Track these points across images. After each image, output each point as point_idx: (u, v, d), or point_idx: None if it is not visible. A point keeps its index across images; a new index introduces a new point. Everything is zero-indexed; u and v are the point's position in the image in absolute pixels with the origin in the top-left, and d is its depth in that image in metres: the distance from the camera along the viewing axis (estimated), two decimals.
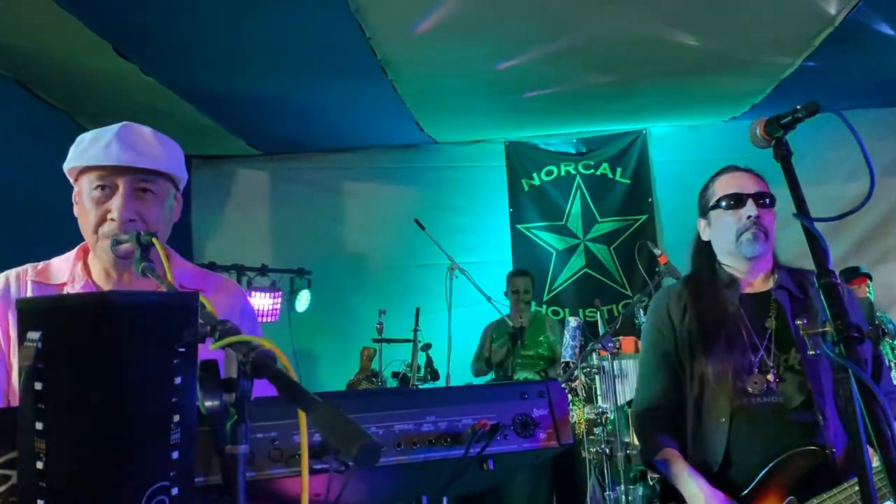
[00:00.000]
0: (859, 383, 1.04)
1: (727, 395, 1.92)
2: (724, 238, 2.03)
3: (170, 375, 0.84)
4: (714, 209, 2.06)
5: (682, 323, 2.08)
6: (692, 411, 2.02)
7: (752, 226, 1.97)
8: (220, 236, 6.29)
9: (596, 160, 6.32)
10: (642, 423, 2.14)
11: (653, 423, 2.08)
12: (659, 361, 2.11)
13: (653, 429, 2.07)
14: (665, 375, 2.09)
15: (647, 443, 2.08)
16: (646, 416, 2.12)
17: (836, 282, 1.17)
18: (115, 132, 1.56)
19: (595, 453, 3.30)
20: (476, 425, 1.09)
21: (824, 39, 4.22)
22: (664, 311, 2.13)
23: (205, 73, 4.62)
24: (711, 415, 1.96)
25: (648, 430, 2.09)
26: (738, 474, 1.90)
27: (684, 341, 2.06)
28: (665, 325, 2.11)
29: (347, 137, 6.09)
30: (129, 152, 1.54)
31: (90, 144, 1.56)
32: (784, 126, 1.40)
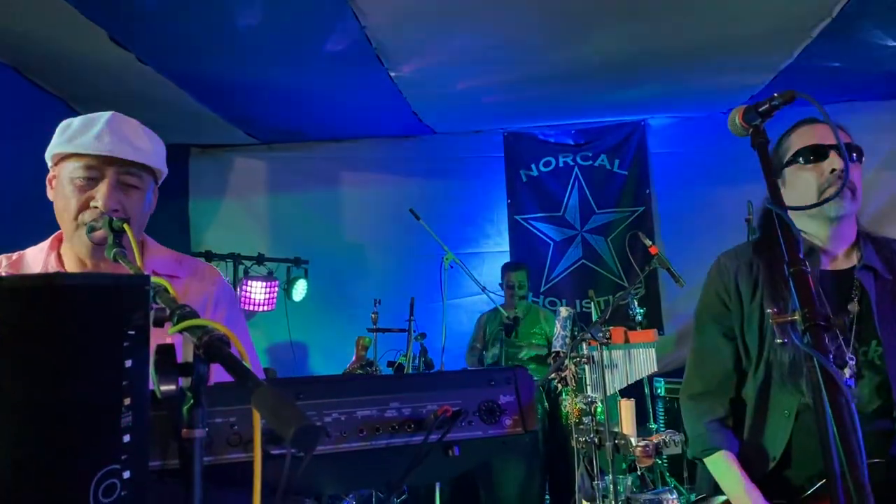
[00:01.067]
0: (823, 372, 1.04)
1: (801, 387, 1.71)
2: (804, 197, 1.75)
3: (120, 358, 0.83)
4: (790, 165, 1.80)
5: (752, 300, 1.82)
6: (754, 399, 1.82)
7: (837, 180, 1.70)
8: (218, 225, 6.30)
9: (594, 151, 6.30)
10: (693, 411, 1.91)
11: (709, 413, 1.86)
12: (721, 340, 1.88)
13: (705, 419, 1.86)
14: (727, 355, 1.87)
15: (700, 435, 1.86)
16: (698, 403, 1.90)
17: (807, 270, 1.16)
18: (105, 121, 1.57)
19: (584, 443, 3.30)
20: (438, 411, 1.08)
21: (822, 31, 4.18)
22: (732, 282, 1.86)
23: (201, 62, 4.61)
24: (776, 406, 1.76)
25: (699, 421, 1.87)
26: (797, 476, 1.73)
27: (752, 321, 1.82)
28: (732, 298, 1.86)
29: (345, 127, 6.09)
30: (121, 144, 1.55)
31: (79, 132, 1.56)
32: (762, 114, 1.39)
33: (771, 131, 1.44)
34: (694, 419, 1.90)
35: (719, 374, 1.88)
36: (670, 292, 5.88)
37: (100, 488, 0.83)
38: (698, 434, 1.86)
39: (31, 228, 1.77)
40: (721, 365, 1.87)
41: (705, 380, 1.90)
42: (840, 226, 1.78)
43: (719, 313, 1.88)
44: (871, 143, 1.72)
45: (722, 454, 1.79)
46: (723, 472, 1.79)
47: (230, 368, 0.86)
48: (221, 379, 1.07)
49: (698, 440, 1.85)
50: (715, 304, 1.89)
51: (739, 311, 1.84)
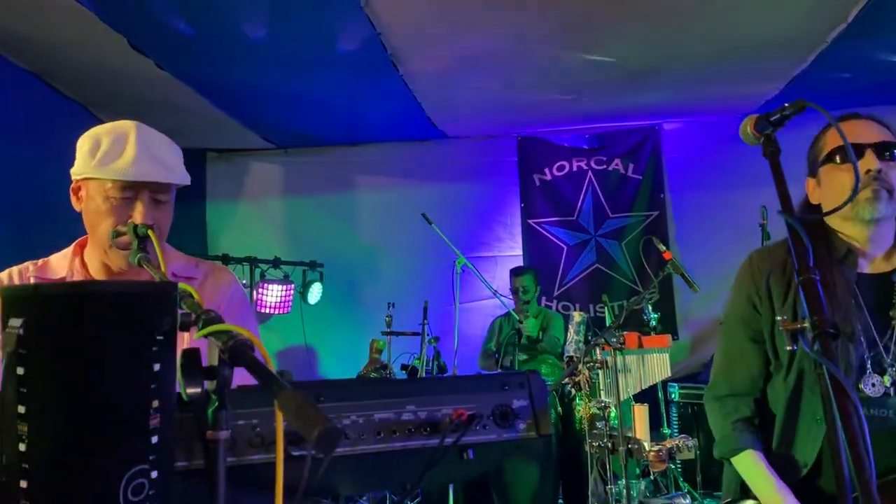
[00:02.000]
0: (832, 380, 1.05)
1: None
2: (837, 195, 1.68)
3: (149, 362, 0.87)
4: (825, 164, 1.75)
5: (784, 303, 1.76)
6: (784, 405, 1.77)
7: (873, 181, 1.65)
8: (234, 229, 6.37)
9: (608, 156, 6.30)
10: (720, 411, 1.86)
11: (735, 413, 1.83)
12: (749, 344, 1.83)
13: (731, 419, 1.82)
14: (755, 357, 1.83)
15: (727, 436, 1.82)
16: (728, 404, 1.85)
17: (816, 278, 1.18)
18: (135, 141, 1.60)
19: (597, 447, 3.32)
20: (453, 415, 1.11)
21: (837, 36, 4.18)
22: (763, 284, 1.80)
23: (218, 68, 4.67)
24: (807, 412, 1.71)
25: (726, 421, 1.83)
26: (832, 485, 1.62)
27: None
28: (762, 300, 1.80)
29: (360, 132, 6.14)
30: (155, 166, 1.60)
31: (111, 155, 1.58)
32: (773, 123, 1.39)
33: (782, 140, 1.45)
34: (720, 419, 1.86)
35: (746, 377, 1.84)
36: (685, 297, 5.87)
37: (129, 487, 0.86)
38: (725, 434, 1.83)
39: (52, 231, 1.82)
40: (748, 369, 1.84)
41: (732, 383, 1.87)
42: (878, 228, 1.72)
43: (749, 317, 1.83)
44: None
45: (750, 453, 1.76)
46: (752, 472, 1.76)
47: (255, 372, 0.89)
48: (243, 382, 1.11)
49: (725, 440, 1.82)
50: (744, 306, 1.83)
51: (770, 315, 1.78)
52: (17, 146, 4.41)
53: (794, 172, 1.39)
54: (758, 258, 1.87)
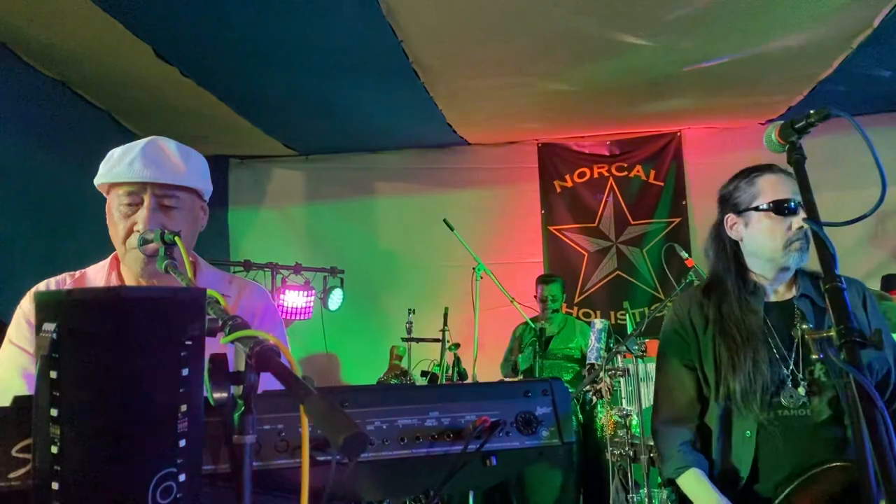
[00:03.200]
0: (859, 388, 1.05)
1: (755, 409, 1.86)
2: (767, 244, 1.92)
3: (177, 367, 0.88)
4: (758, 211, 1.93)
5: (704, 334, 2.00)
6: (718, 424, 1.95)
7: (803, 237, 1.89)
8: (256, 235, 6.43)
9: (629, 162, 6.28)
10: (665, 436, 2.02)
11: (677, 436, 1.98)
12: (683, 370, 2.02)
13: (677, 443, 1.97)
14: (690, 385, 2.01)
15: (671, 458, 1.96)
16: (669, 428, 2.02)
17: (842, 287, 1.17)
18: (140, 148, 1.64)
19: (619, 456, 3.29)
20: (476, 421, 1.11)
21: (862, 41, 4.14)
22: (686, 319, 2.05)
23: (241, 76, 4.72)
24: (738, 429, 1.90)
25: (671, 444, 1.98)
26: (767, 488, 1.84)
27: (708, 353, 1.97)
28: (688, 334, 2.03)
29: (381, 138, 6.17)
30: (150, 168, 1.61)
31: (118, 161, 1.64)
32: (797, 130, 1.40)
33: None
34: (665, 444, 2.01)
35: (685, 401, 2.01)
36: None
37: (158, 490, 0.87)
38: (670, 456, 1.96)
39: (79, 237, 1.85)
40: (686, 394, 2.01)
41: (673, 408, 2.03)
42: (789, 271, 1.98)
43: (680, 346, 2.04)
44: None
45: (693, 472, 1.90)
46: (695, 488, 1.88)
47: (281, 377, 0.90)
48: (269, 388, 1.12)
49: (671, 461, 1.96)
50: (675, 338, 2.06)
51: (696, 344, 2.01)
52: (45, 153, 4.48)
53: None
54: (680, 299, 2.13)
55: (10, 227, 4.18)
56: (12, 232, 4.18)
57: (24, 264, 4.04)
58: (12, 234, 4.17)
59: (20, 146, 4.29)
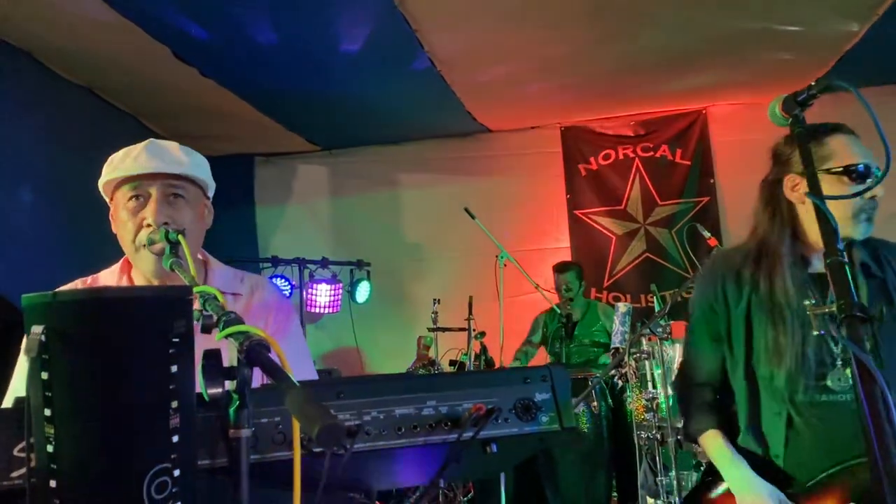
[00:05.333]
0: (858, 363, 1.02)
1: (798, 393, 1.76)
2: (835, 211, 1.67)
3: (166, 364, 0.89)
4: (829, 173, 1.77)
5: (736, 308, 1.89)
6: (747, 399, 1.88)
7: (871, 209, 1.78)
8: (283, 231, 6.49)
9: (655, 142, 6.18)
10: (688, 398, 2.01)
11: (699, 398, 1.98)
12: (709, 343, 1.97)
13: (699, 404, 1.97)
14: (714, 353, 1.97)
15: (692, 418, 1.98)
16: (693, 391, 2.01)
17: (844, 261, 1.15)
18: (142, 146, 1.68)
19: (647, 439, 3.27)
20: (472, 409, 1.11)
21: (888, 8, 4.02)
22: (719, 289, 1.93)
23: (261, 74, 4.77)
24: (768, 407, 1.83)
25: (694, 405, 1.98)
26: (794, 467, 1.78)
27: (739, 329, 1.88)
28: (719, 304, 1.93)
29: (402, 130, 6.18)
30: (155, 160, 1.64)
31: (121, 160, 1.68)
32: (800, 103, 1.38)
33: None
34: (685, 405, 2.03)
35: (707, 370, 1.99)
36: None
37: (152, 486, 0.89)
38: (691, 415, 1.98)
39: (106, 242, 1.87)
40: (708, 363, 1.99)
41: (695, 375, 2.02)
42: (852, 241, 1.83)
43: (709, 317, 1.97)
44: None
45: (713, 432, 1.90)
46: (714, 449, 1.89)
47: (267, 371, 0.91)
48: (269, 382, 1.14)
49: (690, 422, 1.98)
50: (704, 307, 1.99)
51: (726, 317, 1.93)
52: (72, 159, 4.57)
53: None
54: (713, 264, 2.04)
55: (42, 230, 4.28)
56: (45, 235, 4.29)
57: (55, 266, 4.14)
58: (45, 238, 4.28)
59: (49, 152, 4.39)
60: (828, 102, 1.41)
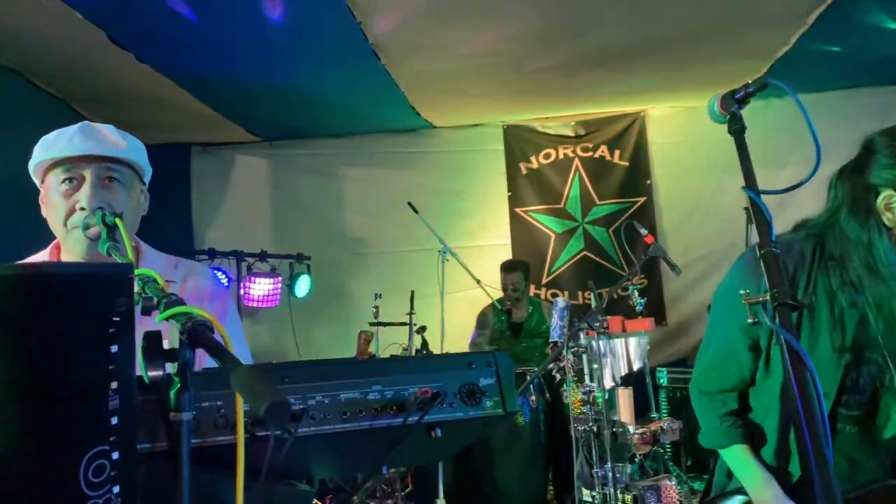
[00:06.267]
0: (790, 349, 1.07)
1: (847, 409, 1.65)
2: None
3: (105, 344, 0.87)
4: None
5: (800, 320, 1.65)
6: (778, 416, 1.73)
7: None
8: (220, 223, 6.36)
9: (594, 143, 6.31)
10: (711, 405, 1.84)
11: (724, 406, 1.82)
12: (747, 349, 1.76)
13: (723, 413, 1.81)
14: (749, 362, 1.77)
15: (716, 429, 1.82)
16: (716, 399, 1.84)
17: (777, 252, 1.20)
18: (77, 127, 1.63)
19: (583, 432, 3.33)
20: (417, 393, 1.12)
21: (819, 16, 4.19)
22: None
23: (200, 61, 4.65)
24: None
25: (717, 415, 1.82)
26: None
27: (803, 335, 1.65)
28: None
29: (345, 123, 6.12)
30: (91, 142, 1.59)
31: (54, 141, 1.62)
32: (738, 101, 1.42)
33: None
34: (708, 412, 1.85)
35: (736, 377, 1.81)
36: (673, 283, 5.90)
37: (89, 469, 0.87)
38: (713, 427, 1.83)
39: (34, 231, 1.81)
40: (740, 371, 1.79)
41: (722, 380, 1.83)
42: None
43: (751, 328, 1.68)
44: (864, 129, 1.71)
45: (739, 448, 1.78)
46: (741, 466, 1.77)
47: (212, 352, 0.90)
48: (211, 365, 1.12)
49: (713, 433, 1.83)
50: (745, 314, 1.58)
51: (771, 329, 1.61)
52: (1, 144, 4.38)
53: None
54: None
55: None
56: None
57: None
58: None
59: None
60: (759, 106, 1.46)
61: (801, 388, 1.04)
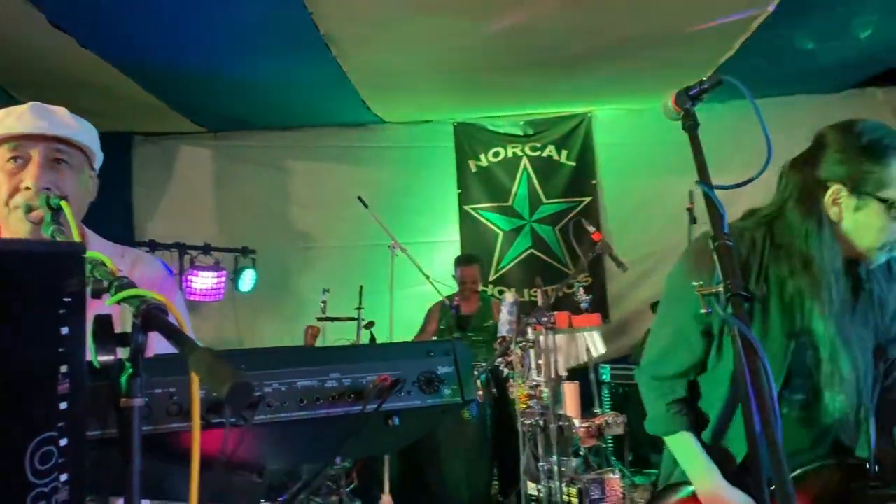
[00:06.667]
0: (743, 339, 1.10)
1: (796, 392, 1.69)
2: (868, 239, 1.64)
3: (55, 325, 0.83)
4: (878, 200, 1.60)
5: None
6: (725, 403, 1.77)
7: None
8: (163, 214, 6.20)
9: (542, 142, 6.39)
10: (660, 391, 1.87)
11: (672, 394, 1.84)
12: (700, 333, 1.78)
13: (671, 401, 1.84)
14: (701, 348, 1.80)
15: (662, 416, 1.85)
16: (665, 385, 1.86)
17: (730, 244, 1.23)
18: (27, 105, 1.57)
19: (529, 425, 3.37)
20: (377, 380, 1.11)
21: (760, 25, 4.32)
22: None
23: (145, 49, 4.51)
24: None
25: (664, 402, 1.84)
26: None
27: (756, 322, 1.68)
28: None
29: (294, 116, 6.04)
30: (41, 120, 1.54)
31: (1, 119, 1.55)
32: (692, 97, 1.45)
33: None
34: (655, 398, 1.88)
35: (688, 363, 1.83)
36: (616, 281, 6.01)
37: (36, 456, 0.83)
38: (659, 414, 1.85)
39: None
40: (693, 356, 1.82)
41: (672, 366, 1.85)
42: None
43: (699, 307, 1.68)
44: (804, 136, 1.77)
45: (683, 435, 1.80)
46: (685, 453, 1.81)
47: (168, 335, 0.87)
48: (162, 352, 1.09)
49: (659, 420, 1.85)
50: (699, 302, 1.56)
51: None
52: None
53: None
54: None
55: None
56: None
57: None
58: None
59: None
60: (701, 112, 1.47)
61: (755, 377, 1.06)
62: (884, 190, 1.59)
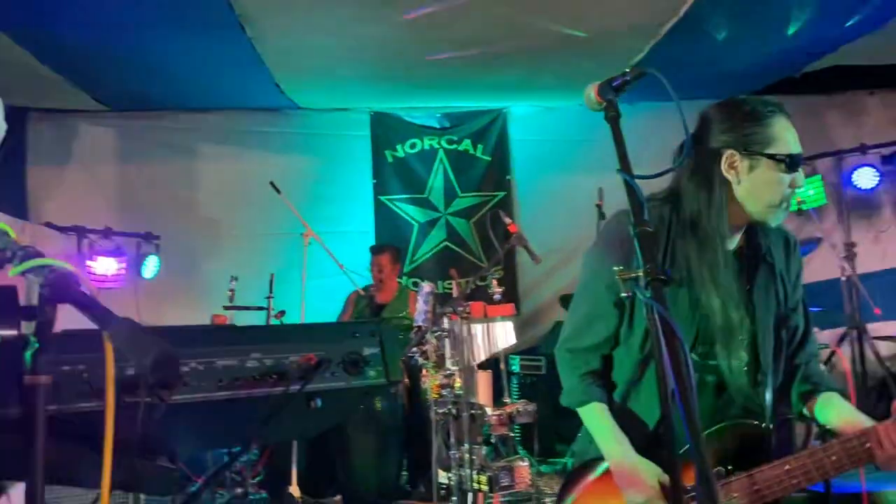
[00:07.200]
0: (663, 322, 1.13)
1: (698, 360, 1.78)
2: (765, 196, 1.75)
3: None
4: (771, 159, 1.72)
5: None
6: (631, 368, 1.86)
7: (790, 198, 1.76)
8: (60, 195, 5.85)
9: (458, 136, 6.43)
10: (574, 364, 1.91)
11: (585, 366, 1.89)
12: (613, 305, 1.84)
13: (584, 373, 1.89)
14: (615, 319, 1.86)
15: (575, 387, 1.89)
16: (579, 357, 1.91)
17: (650, 230, 1.26)
18: None
19: (442, 414, 3.38)
20: (301, 359, 1.08)
21: (670, 28, 4.48)
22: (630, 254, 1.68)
23: (43, 20, 4.24)
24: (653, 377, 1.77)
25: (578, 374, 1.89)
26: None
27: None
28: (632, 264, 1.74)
29: (204, 97, 5.82)
30: None
31: None
32: (615, 89, 1.47)
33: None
34: (570, 371, 1.92)
35: (603, 335, 1.88)
36: (527, 274, 6.12)
37: None
38: (574, 385, 1.90)
39: None
40: (607, 329, 1.87)
41: (588, 339, 1.90)
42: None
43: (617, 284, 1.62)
44: None
45: (595, 406, 1.85)
46: (596, 423, 1.86)
47: (81, 306, 0.82)
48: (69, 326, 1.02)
49: (573, 391, 1.90)
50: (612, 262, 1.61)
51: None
52: None
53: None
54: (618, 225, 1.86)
55: None
56: None
57: None
58: None
59: None
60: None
61: (675, 361, 1.10)
62: (770, 146, 1.73)
